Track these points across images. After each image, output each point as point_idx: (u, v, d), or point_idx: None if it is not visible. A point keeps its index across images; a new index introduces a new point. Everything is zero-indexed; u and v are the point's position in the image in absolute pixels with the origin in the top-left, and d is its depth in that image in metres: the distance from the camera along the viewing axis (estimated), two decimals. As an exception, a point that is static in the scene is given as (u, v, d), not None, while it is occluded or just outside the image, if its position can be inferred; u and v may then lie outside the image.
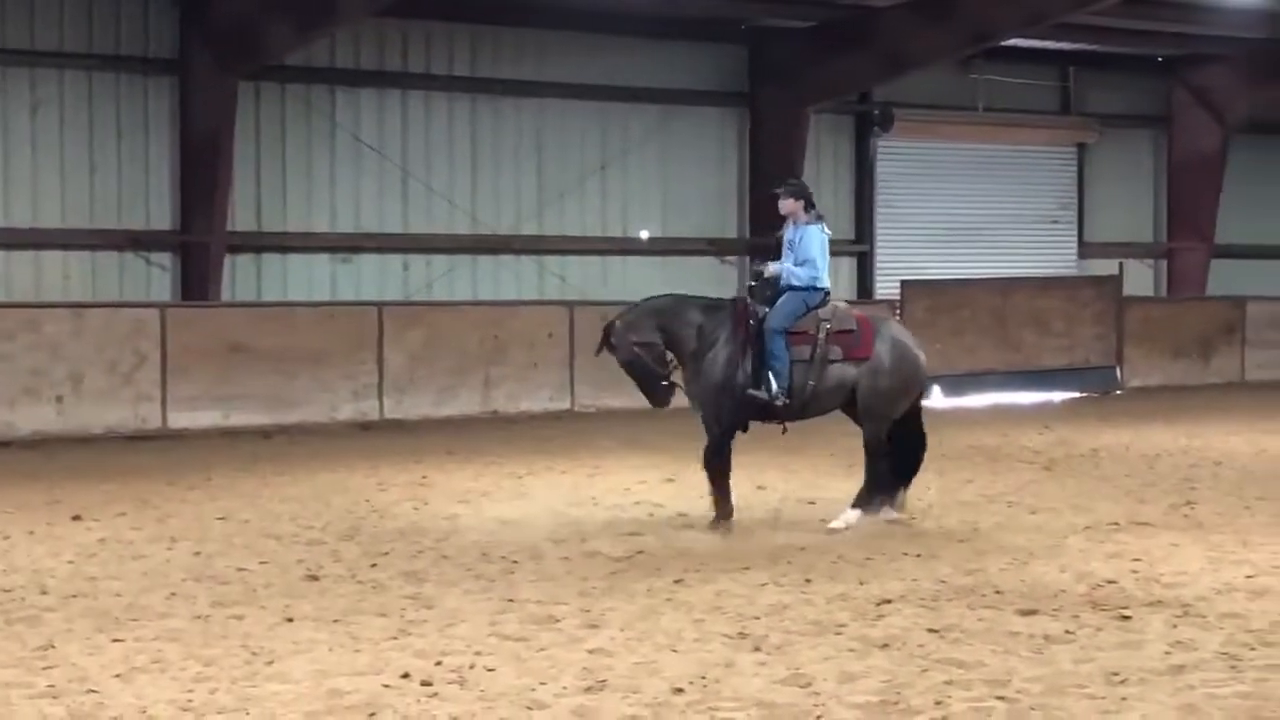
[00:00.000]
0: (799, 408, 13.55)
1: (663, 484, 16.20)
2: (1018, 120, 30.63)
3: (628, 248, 27.12)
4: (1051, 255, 31.37)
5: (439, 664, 8.66)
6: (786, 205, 13.73)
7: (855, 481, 16.43)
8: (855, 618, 9.80)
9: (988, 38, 26.76)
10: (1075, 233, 31.72)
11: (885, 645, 9.07)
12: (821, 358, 13.37)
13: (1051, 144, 31.43)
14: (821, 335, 13.36)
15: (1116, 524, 13.38)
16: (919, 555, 11.99)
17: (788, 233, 13.78)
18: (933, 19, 25.95)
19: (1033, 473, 17.09)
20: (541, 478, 16.79)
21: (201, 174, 23.26)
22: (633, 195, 27.25)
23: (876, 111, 29.22)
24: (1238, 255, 32.81)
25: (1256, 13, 26.83)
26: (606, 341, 13.77)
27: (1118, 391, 28.07)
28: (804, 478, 16.77)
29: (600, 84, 26.69)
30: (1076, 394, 27.61)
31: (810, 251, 13.46)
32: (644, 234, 27.18)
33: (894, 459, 13.62)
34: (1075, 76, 31.37)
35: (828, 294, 13.64)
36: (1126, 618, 9.75)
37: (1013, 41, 28.21)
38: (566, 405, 24.38)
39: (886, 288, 28.89)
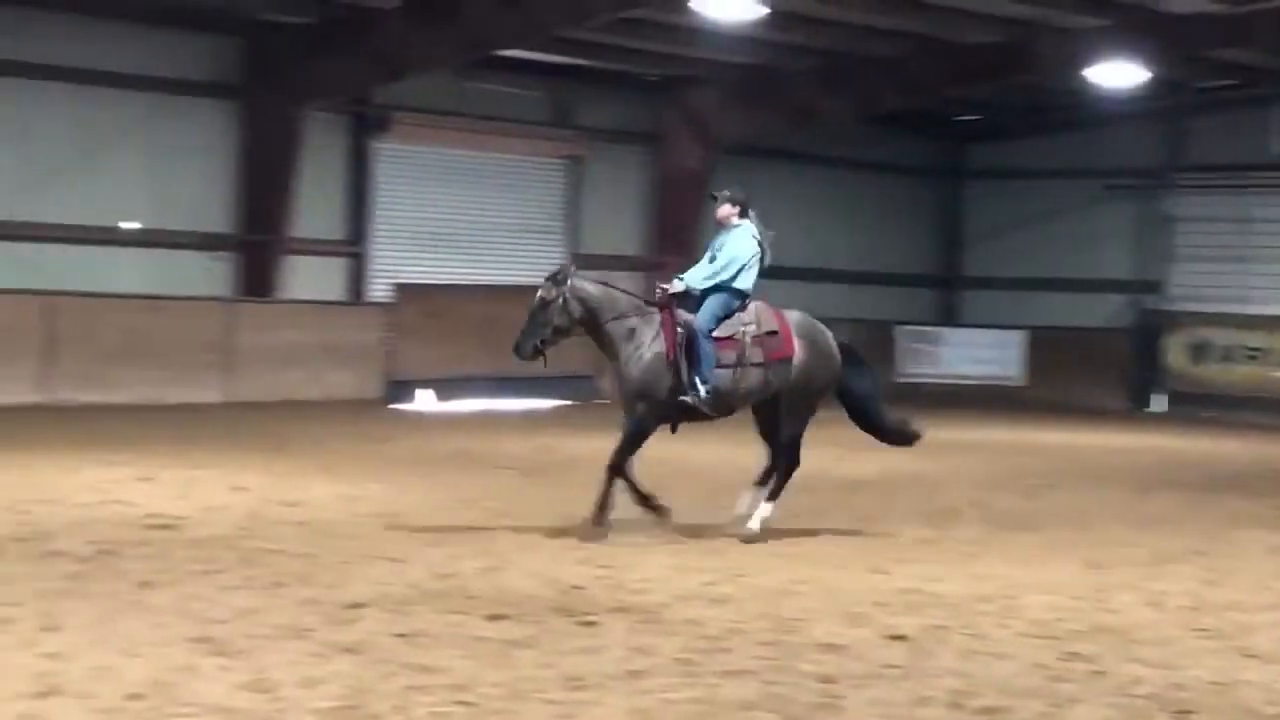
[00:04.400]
0: (725, 409, 13.79)
1: (137, 483, 15.77)
2: (511, 130, 31.01)
3: (112, 238, 26.30)
4: (543, 264, 31.77)
5: (-121, 669, 8.23)
6: (723, 210, 13.98)
7: (339, 483, 16.43)
8: (324, 622, 9.73)
9: (484, 47, 27.01)
10: (567, 243, 32.28)
11: (352, 650, 9.02)
12: (747, 361, 13.60)
13: (544, 155, 31.92)
14: (747, 340, 13.59)
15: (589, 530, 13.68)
16: (393, 559, 11.99)
17: (717, 239, 13.91)
18: (432, 25, 26.03)
19: (512, 478, 17.32)
20: (7, 474, 16.12)
21: None
22: (119, 185, 26.41)
23: (374, 113, 29.17)
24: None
25: (742, 38, 27.83)
26: (557, 274, 13.59)
27: (599, 400, 28.69)
28: (286, 480, 16.60)
29: (86, 68, 25.77)
30: (561, 401, 28.15)
31: (732, 251, 13.67)
32: (130, 225, 26.40)
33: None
34: (570, 91, 31.96)
35: (747, 296, 13.77)
36: (591, 623, 9.95)
37: (511, 53, 28.58)
38: (42, 399, 23.56)
39: (380, 290, 28.87)
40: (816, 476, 18.87)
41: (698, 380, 13.50)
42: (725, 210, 14.09)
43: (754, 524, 13.79)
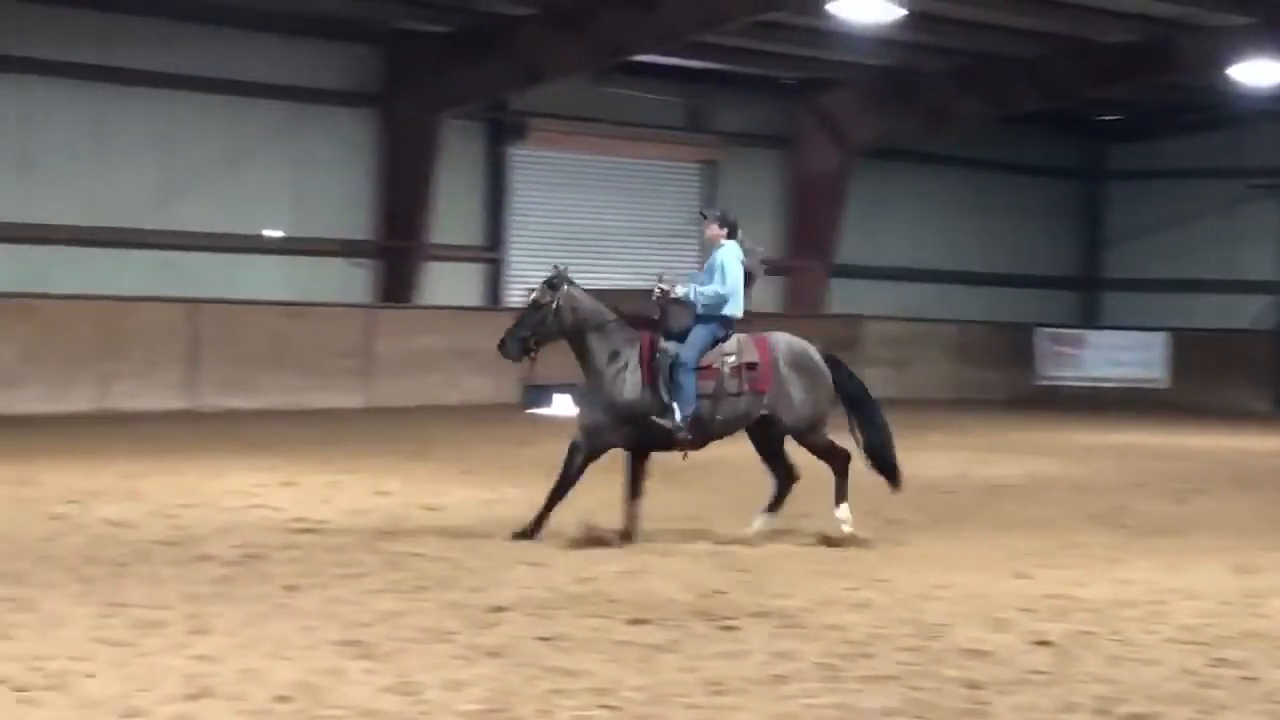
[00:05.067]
0: (702, 439, 13.55)
1: (281, 488, 15.97)
2: (647, 136, 31.13)
3: (255, 245, 26.69)
4: (679, 268, 31.80)
5: (35, 669, 8.37)
6: (711, 230, 13.71)
7: (479, 487, 16.54)
8: (467, 626, 9.79)
9: (621, 52, 27.12)
10: (701, 248, 32.28)
11: (495, 653, 9.07)
12: (725, 392, 13.37)
13: (679, 160, 32.02)
14: (726, 370, 13.35)
15: (730, 534, 13.65)
16: (534, 564, 12.04)
17: (709, 259, 13.72)
18: (568, 31, 26.19)
19: (652, 483, 17.28)
20: (156, 479, 16.39)
21: None
22: (262, 193, 26.83)
23: (511, 120, 29.36)
24: (856, 275, 33.87)
25: (878, 41, 27.72)
26: (553, 280, 13.55)
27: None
28: (427, 484, 16.73)
29: (231, 78, 26.19)
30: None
31: (727, 270, 13.41)
32: (272, 232, 26.78)
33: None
34: (704, 95, 31.99)
35: (733, 323, 13.53)
36: (732, 628, 9.94)
37: (646, 58, 28.65)
38: (187, 405, 23.93)
39: (517, 295, 29.01)
40: (956, 479, 18.81)
41: (675, 408, 13.25)
42: (713, 230, 13.78)
43: (845, 527, 13.64)
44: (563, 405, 27.58)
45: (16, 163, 24.51)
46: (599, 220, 30.81)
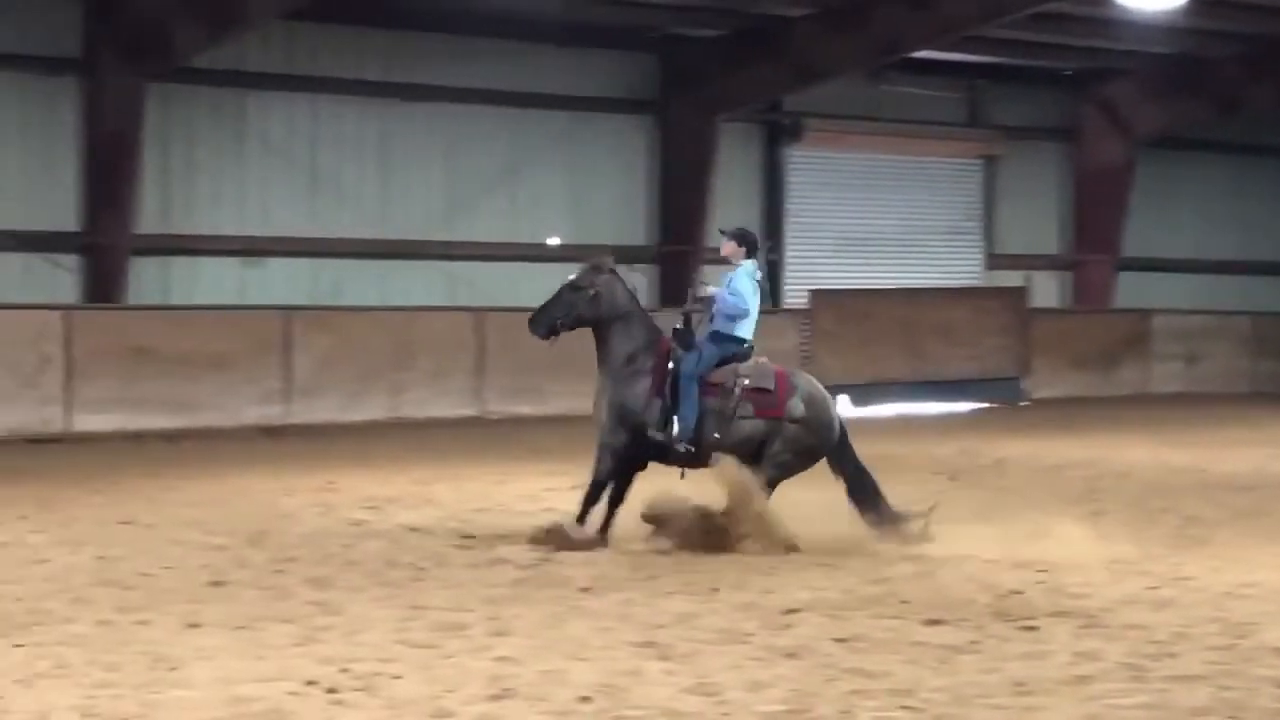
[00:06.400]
0: (701, 456, 13.14)
1: (569, 492, 16.07)
2: (925, 132, 30.78)
3: (537, 254, 27.02)
4: (958, 266, 31.57)
5: (345, 671, 8.58)
6: (727, 248, 13.54)
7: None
8: (762, 627, 9.81)
9: (897, 49, 26.90)
10: (982, 244, 31.91)
11: (792, 654, 9.07)
12: (731, 412, 13.05)
13: (958, 156, 31.60)
14: (736, 390, 13.03)
15: (1022, 534, 13.43)
16: (826, 565, 12.02)
17: (724, 276, 13.58)
18: (843, 30, 26.06)
19: (939, 483, 17.14)
20: (448, 484, 16.72)
21: (108, 175, 23.01)
22: (542, 202, 27.16)
23: (786, 121, 29.31)
24: (1144, 268, 33.12)
25: (1163, 27, 27.10)
26: (599, 264, 13.56)
27: (1023, 402, 28.28)
28: (712, 486, 16.71)
29: (510, 90, 26.57)
30: (982, 404, 27.82)
31: (741, 290, 13.17)
32: (553, 241, 27.10)
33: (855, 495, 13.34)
34: (983, 89, 31.57)
35: (750, 347, 13.28)
36: (1032, 628, 9.81)
37: (922, 53, 28.37)
38: (474, 412, 24.32)
39: (795, 297, 28.98)
40: (1254, 475, 18.31)
41: (675, 420, 12.89)
42: (729, 248, 13.41)
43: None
44: (842, 405, 27.50)
45: (307, 179, 25.18)
46: (877, 219, 30.57)
